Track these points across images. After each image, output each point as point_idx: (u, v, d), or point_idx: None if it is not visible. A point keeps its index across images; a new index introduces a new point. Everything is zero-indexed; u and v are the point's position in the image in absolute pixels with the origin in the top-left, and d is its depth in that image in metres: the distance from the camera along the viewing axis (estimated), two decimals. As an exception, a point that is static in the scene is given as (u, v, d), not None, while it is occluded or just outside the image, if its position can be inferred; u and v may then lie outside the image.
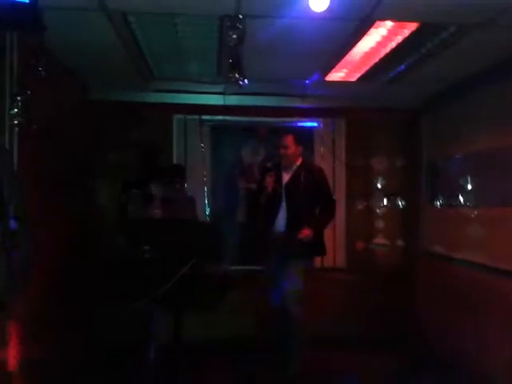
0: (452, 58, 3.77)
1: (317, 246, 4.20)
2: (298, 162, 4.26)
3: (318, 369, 4.17)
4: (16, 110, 2.67)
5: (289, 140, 4.21)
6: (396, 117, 5.34)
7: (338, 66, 4.06)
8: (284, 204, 4.18)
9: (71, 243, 4.15)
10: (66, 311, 4.00)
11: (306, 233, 4.00)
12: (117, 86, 4.64)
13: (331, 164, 5.29)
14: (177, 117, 5.18)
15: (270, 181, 4.19)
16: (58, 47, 3.48)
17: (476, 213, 4.31)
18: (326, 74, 4.25)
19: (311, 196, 4.16)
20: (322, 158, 5.30)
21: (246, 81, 2.88)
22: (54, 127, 3.68)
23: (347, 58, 3.85)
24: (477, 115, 4.30)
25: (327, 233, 5.17)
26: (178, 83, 4.64)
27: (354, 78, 4.35)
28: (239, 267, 4.52)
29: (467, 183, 4.45)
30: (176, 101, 4.93)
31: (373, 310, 5.17)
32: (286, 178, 4.26)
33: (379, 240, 5.47)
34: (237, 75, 2.84)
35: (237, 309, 4.31)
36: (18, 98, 2.68)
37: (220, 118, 5.20)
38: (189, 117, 5.17)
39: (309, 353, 4.01)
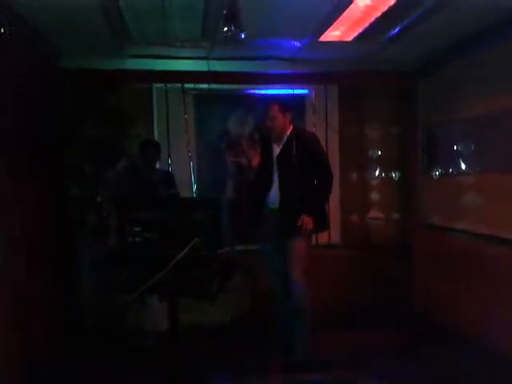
0: (451, 17, 3.55)
1: (317, 221, 3.87)
2: (288, 131, 3.92)
3: (319, 347, 3.97)
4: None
5: (274, 110, 3.84)
6: (391, 81, 5.05)
7: (334, 24, 3.73)
8: (276, 179, 3.88)
9: (50, 232, 3.81)
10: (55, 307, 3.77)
11: (306, 222, 3.69)
12: (91, 51, 4.19)
13: (324, 133, 4.99)
14: (157, 85, 4.78)
15: (253, 154, 3.87)
16: (28, 10, 3.12)
17: (475, 181, 4.16)
18: (321, 34, 3.91)
19: (305, 168, 3.81)
20: (313, 127, 4.99)
21: (242, 34, 2.50)
22: (22, 97, 3.29)
23: (345, 14, 3.55)
24: (476, 78, 4.10)
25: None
26: (158, 48, 4.23)
27: (349, 38, 4.04)
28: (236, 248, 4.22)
29: (466, 150, 4.28)
30: (155, 67, 4.49)
31: (370, 286, 4.98)
32: (276, 150, 3.94)
33: (374, 214, 5.26)
34: (233, 28, 2.46)
35: (234, 291, 4.06)
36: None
37: (204, 86, 4.81)
38: (170, 85, 4.77)
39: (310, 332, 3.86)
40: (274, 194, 3.90)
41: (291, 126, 3.95)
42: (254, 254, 4.12)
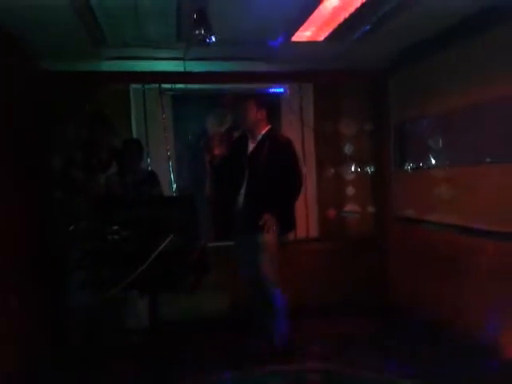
0: (417, 16, 3.65)
1: (284, 222, 3.89)
2: (264, 131, 3.97)
3: (298, 338, 4.07)
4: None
5: (248, 103, 3.92)
6: (363, 79, 5.20)
7: (304, 25, 3.84)
8: (247, 176, 3.93)
9: (30, 233, 3.87)
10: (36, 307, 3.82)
11: (269, 223, 3.72)
12: (67, 54, 4.22)
13: (299, 131, 5.11)
14: (134, 86, 4.84)
15: (218, 144, 3.96)
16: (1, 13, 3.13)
17: (447, 174, 4.30)
18: (293, 34, 4.02)
19: (275, 169, 3.83)
20: (289, 125, 5.11)
21: (213, 38, 2.60)
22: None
23: (314, 15, 3.66)
24: (443, 74, 4.23)
25: (298, 202, 5.06)
26: (134, 49, 4.29)
27: (320, 38, 4.14)
28: (211, 244, 4.30)
29: (437, 144, 4.43)
30: (132, 69, 4.57)
31: (348, 278, 5.10)
32: (251, 147, 4.01)
33: (350, 207, 5.39)
34: (203, 31, 2.56)
35: (211, 287, 4.14)
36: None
37: (181, 86, 4.89)
38: (147, 86, 4.84)
39: (288, 323, 3.93)
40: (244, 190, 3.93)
41: (267, 126, 4.00)
42: (230, 250, 4.22)
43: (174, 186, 4.93)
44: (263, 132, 3.97)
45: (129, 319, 4.25)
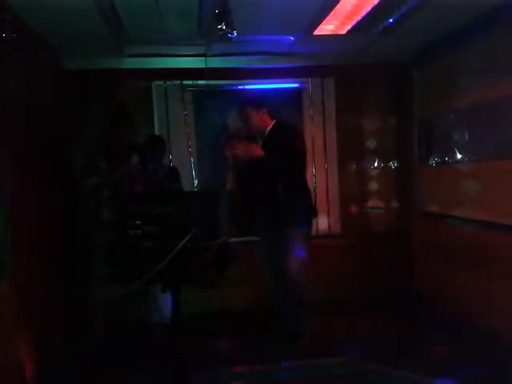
0: (443, 9, 3.60)
1: (306, 211, 3.93)
2: (270, 126, 3.89)
3: (323, 333, 4.05)
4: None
5: (247, 111, 3.83)
6: (386, 73, 5.12)
7: (327, 18, 3.80)
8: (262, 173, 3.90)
9: (55, 226, 3.93)
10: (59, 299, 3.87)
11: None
12: (91, 52, 4.28)
13: (321, 126, 5.06)
14: (156, 83, 4.87)
15: (255, 146, 3.95)
16: (26, 11, 3.19)
17: (472, 168, 4.21)
18: (315, 28, 3.98)
19: (279, 155, 3.70)
20: (311, 121, 5.06)
21: (235, 33, 2.59)
22: (25, 99, 3.39)
23: (337, 8, 3.62)
24: (470, 68, 4.14)
25: (320, 198, 5.03)
26: (156, 46, 4.32)
27: (343, 31, 4.10)
28: (234, 239, 4.30)
29: (462, 139, 4.33)
30: (154, 65, 4.60)
31: (371, 273, 5.08)
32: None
33: (373, 203, 5.33)
34: (224, 27, 2.56)
35: (235, 282, 4.15)
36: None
37: (202, 82, 4.90)
38: (169, 83, 4.87)
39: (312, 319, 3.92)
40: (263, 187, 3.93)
41: (272, 121, 3.90)
42: (254, 245, 4.21)
43: (196, 181, 4.96)
44: (269, 128, 3.91)
45: (151, 313, 4.28)
